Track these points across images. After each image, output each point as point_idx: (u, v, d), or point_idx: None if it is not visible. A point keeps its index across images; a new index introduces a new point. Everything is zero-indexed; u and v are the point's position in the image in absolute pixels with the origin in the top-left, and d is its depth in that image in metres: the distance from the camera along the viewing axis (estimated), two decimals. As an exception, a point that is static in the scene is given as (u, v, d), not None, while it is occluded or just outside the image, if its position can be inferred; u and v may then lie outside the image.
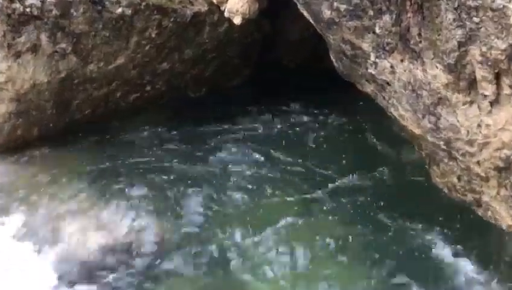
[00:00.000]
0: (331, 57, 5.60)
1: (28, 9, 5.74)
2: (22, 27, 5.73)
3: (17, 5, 5.69)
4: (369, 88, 5.35)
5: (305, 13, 5.45)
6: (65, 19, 5.92)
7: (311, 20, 5.50)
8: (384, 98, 5.24)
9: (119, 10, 6.21)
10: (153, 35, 6.57)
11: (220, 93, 7.41)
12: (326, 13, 5.22)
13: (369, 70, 5.24)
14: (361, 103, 6.02)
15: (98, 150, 6.13)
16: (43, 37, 5.86)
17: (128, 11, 6.23)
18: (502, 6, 3.90)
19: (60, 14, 5.88)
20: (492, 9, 3.99)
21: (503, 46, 4.06)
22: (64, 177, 5.56)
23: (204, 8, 6.78)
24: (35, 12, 5.76)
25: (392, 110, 5.25)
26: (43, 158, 6.02)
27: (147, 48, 6.68)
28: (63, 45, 6.02)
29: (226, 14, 6.68)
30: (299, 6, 5.46)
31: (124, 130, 6.52)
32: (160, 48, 6.77)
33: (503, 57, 4.13)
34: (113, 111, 6.77)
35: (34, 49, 5.85)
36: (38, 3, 5.78)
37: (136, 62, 6.65)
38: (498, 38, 4.07)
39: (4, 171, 5.70)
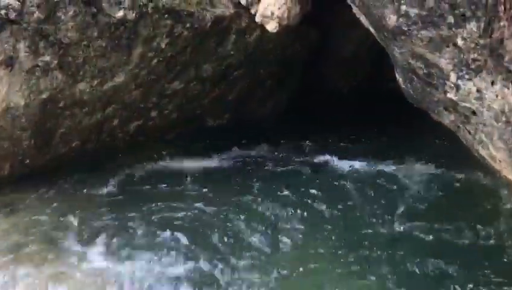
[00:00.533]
0: (397, 77, 5.71)
1: (2, 12, 5.95)
2: None
3: None
4: (448, 119, 5.49)
5: (363, 19, 5.58)
6: (50, 25, 6.15)
7: (370, 29, 5.58)
8: (469, 132, 5.37)
9: (120, 14, 6.44)
10: (163, 46, 6.76)
11: (247, 123, 7.59)
12: (392, 19, 5.26)
13: (449, 95, 5.33)
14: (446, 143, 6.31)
15: (87, 198, 6.38)
16: (22, 47, 6.06)
17: (132, 15, 6.46)
18: None
19: (44, 18, 6.09)
20: None
21: None
22: (40, 224, 5.87)
23: (229, 11, 6.97)
24: (12, 16, 5.96)
25: (479, 148, 5.39)
26: (14, 206, 6.30)
27: (154, 62, 6.89)
28: (47, 58, 6.22)
29: (257, 19, 6.84)
30: (354, 10, 5.58)
31: (122, 169, 6.75)
32: (172, 62, 6.96)
33: None
34: (109, 144, 7.00)
35: (9, 62, 6.07)
36: (17, 4, 6.05)
37: (139, 80, 6.89)
38: None
39: None
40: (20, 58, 6.14)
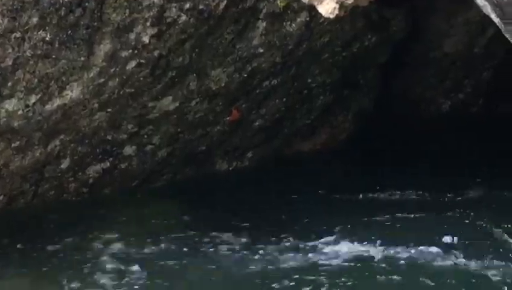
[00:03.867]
0: None
1: None
2: None
3: None
4: None
5: None
6: None
7: (490, 14, 4.10)
8: None
9: None
10: (146, 40, 4.95)
11: (287, 163, 6.04)
12: None
13: None
14: None
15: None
16: None
17: None
18: None
19: None
20: None
21: None
22: None
23: None
24: None
25: None
26: None
27: (132, 66, 5.01)
28: None
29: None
30: None
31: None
32: (160, 67, 5.19)
33: None
34: (53, 201, 5.35)
35: None
36: None
37: (105, 96, 5.07)
38: None
39: None
40: None
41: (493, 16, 4.01)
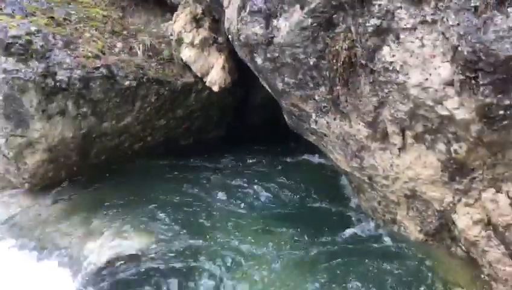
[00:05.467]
0: (284, 116, 6.33)
1: (57, 84, 6.61)
2: (53, 96, 6.54)
3: (49, 80, 6.49)
4: (312, 138, 6.17)
5: (265, 84, 6.14)
6: (86, 90, 6.83)
7: (269, 90, 6.14)
8: (323, 145, 6.04)
9: (127, 83, 7.24)
10: (153, 100, 7.61)
11: (203, 142, 8.61)
12: (279, 85, 5.82)
13: (312, 126, 5.90)
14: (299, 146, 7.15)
15: (113, 186, 7.01)
16: (70, 104, 6.81)
17: (134, 83, 7.30)
18: (403, 81, 4.71)
19: (82, 87, 6.81)
20: (397, 84, 4.74)
21: (406, 109, 4.83)
22: (83, 206, 6.35)
23: (191, 79, 7.85)
24: (63, 85, 6.64)
25: (329, 153, 6.06)
26: (69, 193, 6.82)
27: (148, 110, 7.73)
28: (84, 109, 6.99)
29: (207, 84, 7.72)
30: (260, 80, 6.18)
31: (133, 171, 7.46)
32: (158, 109, 7.83)
33: (406, 117, 4.89)
34: (122, 157, 7.70)
35: (62, 112, 6.77)
36: (66, 78, 6.58)
37: (139, 120, 7.65)
38: (401, 103, 4.82)
39: (38, 204, 6.60)
40: (69, 110, 6.82)
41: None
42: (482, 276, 5.13)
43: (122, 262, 5.38)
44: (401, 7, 4.49)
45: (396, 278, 5.01)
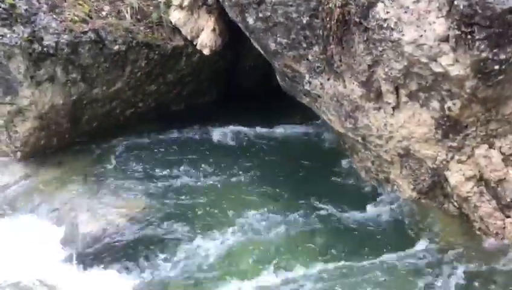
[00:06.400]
0: (277, 78, 6.52)
1: (45, 49, 6.58)
2: (41, 62, 6.53)
3: (36, 45, 6.46)
4: (305, 100, 6.31)
5: (257, 45, 6.30)
6: (74, 55, 6.86)
7: (261, 51, 6.30)
8: (317, 106, 6.19)
9: (116, 47, 7.20)
10: (143, 65, 7.58)
11: (194, 107, 8.60)
12: (272, 46, 6.02)
13: (305, 87, 6.05)
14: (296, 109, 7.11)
15: (103, 153, 7.26)
16: (58, 70, 6.82)
17: (123, 48, 7.26)
18: (397, 38, 4.86)
19: (71, 52, 6.81)
20: (391, 41, 4.90)
21: (400, 67, 4.99)
22: (76, 174, 6.74)
23: (181, 43, 7.77)
24: (51, 51, 6.60)
25: (323, 115, 6.23)
26: (60, 160, 7.01)
27: (138, 74, 7.69)
28: (74, 75, 6.98)
29: (198, 47, 7.63)
30: (252, 41, 6.34)
31: (123, 137, 7.63)
32: (149, 74, 7.80)
33: (400, 75, 5.05)
34: (114, 124, 7.78)
35: (52, 79, 6.76)
36: (53, 43, 6.57)
37: (130, 86, 7.66)
38: (396, 61, 4.97)
39: (31, 172, 6.78)
40: (58, 76, 6.83)
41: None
42: (473, 230, 5.41)
43: (115, 229, 5.66)
44: (395, -39, 4.41)
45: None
